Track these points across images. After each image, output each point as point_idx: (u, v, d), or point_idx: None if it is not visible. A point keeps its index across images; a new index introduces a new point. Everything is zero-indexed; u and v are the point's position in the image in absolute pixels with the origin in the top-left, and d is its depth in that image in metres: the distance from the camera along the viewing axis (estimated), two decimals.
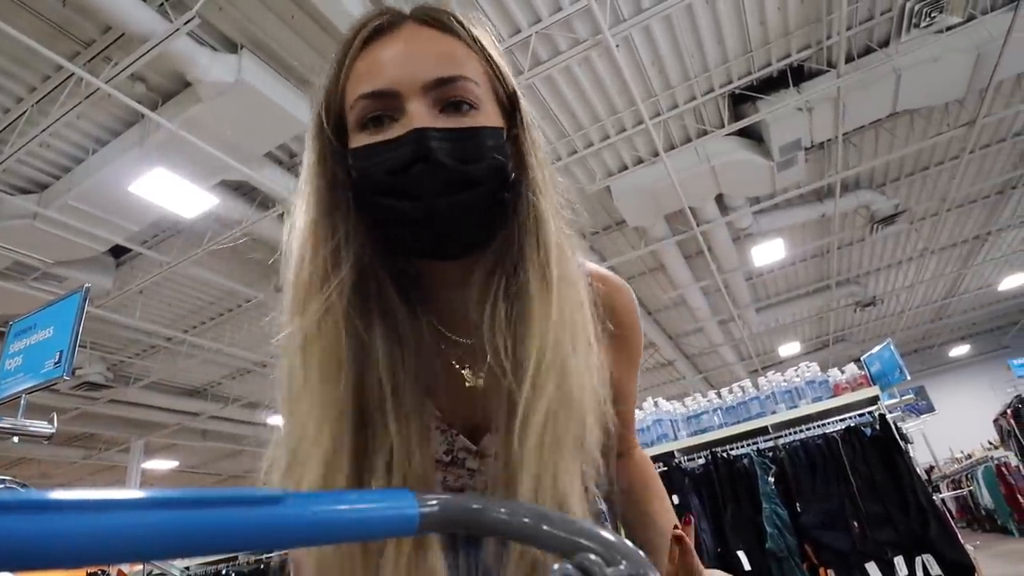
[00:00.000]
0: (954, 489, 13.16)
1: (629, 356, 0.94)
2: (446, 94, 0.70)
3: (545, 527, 0.48)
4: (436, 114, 0.70)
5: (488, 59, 0.77)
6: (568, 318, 0.72)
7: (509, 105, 0.79)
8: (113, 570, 4.84)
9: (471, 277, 0.77)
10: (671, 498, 4.21)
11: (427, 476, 0.74)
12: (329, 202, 0.73)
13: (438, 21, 0.75)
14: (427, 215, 0.69)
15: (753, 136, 7.28)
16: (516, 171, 0.75)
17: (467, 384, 0.84)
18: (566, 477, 0.68)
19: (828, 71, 6.46)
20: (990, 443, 12.10)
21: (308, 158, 0.76)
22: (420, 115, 0.68)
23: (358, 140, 0.72)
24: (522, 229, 0.74)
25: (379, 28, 0.74)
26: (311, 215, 0.73)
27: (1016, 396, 9.44)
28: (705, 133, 7.17)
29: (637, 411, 5.22)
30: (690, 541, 0.79)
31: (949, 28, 6.03)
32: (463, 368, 0.84)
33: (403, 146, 0.68)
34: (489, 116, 0.73)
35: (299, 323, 0.72)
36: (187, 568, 6.28)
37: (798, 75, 6.63)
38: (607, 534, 0.46)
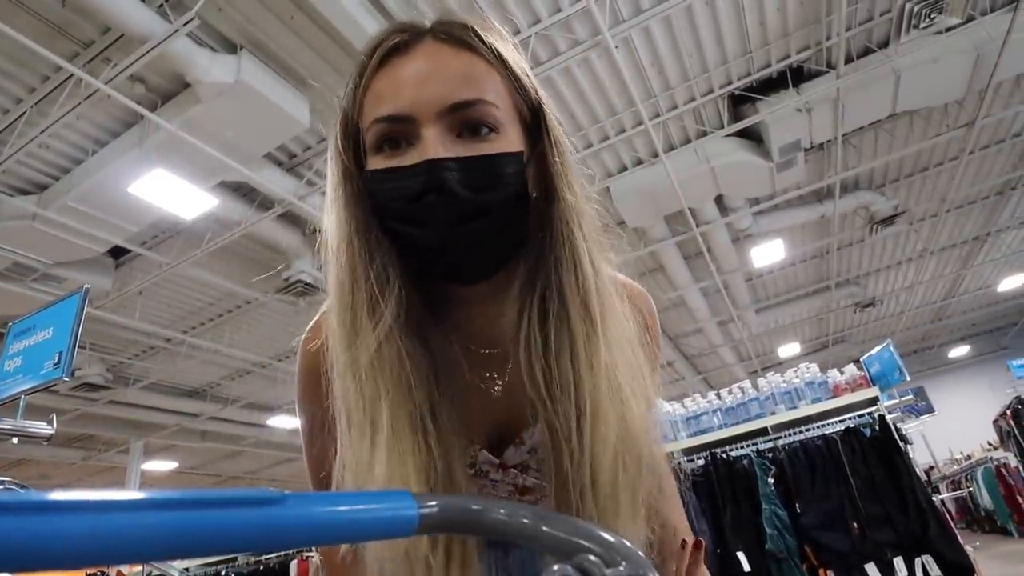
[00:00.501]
0: (954, 490, 13.16)
1: (653, 365, 0.89)
2: (463, 118, 0.69)
3: (544, 528, 0.48)
4: (453, 139, 0.69)
5: (511, 74, 0.74)
6: (620, 358, 0.72)
7: (533, 121, 0.77)
8: (113, 571, 4.83)
9: (500, 295, 0.77)
10: None
11: (453, 458, 0.74)
12: (359, 224, 0.73)
13: (457, 38, 0.72)
14: (440, 244, 0.69)
15: (752, 137, 7.28)
16: (544, 190, 0.75)
17: (493, 394, 0.83)
18: (630, 526, 0.69)
19: (827, 72, 6.46)
20: (990, 444, 12.10)
21: (331, 176, 0.76)
22: (434, 143, 0.67)
23: (374, 163, 0.71)
24: (554, 250, 0.73)
25: (397, 46, 0.73)
26: (344, 239, 0.73)
27: (1016, 397, 9.44)
28: (705, 134, 7.17)
29: None
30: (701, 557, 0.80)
31: (948, 29, 6.04)
32: (487, 379, 0.83)
33: (416, 176, 0.67)
34: (510, 138, 0.71)
35: (355, 351, 0.71)
36: (187, 569, 6.28)
37: (797, 76, 6.63)
38: (607, 535, 0.46)
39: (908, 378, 4.86)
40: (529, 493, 0.87)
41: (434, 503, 0.48)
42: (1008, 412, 9.56)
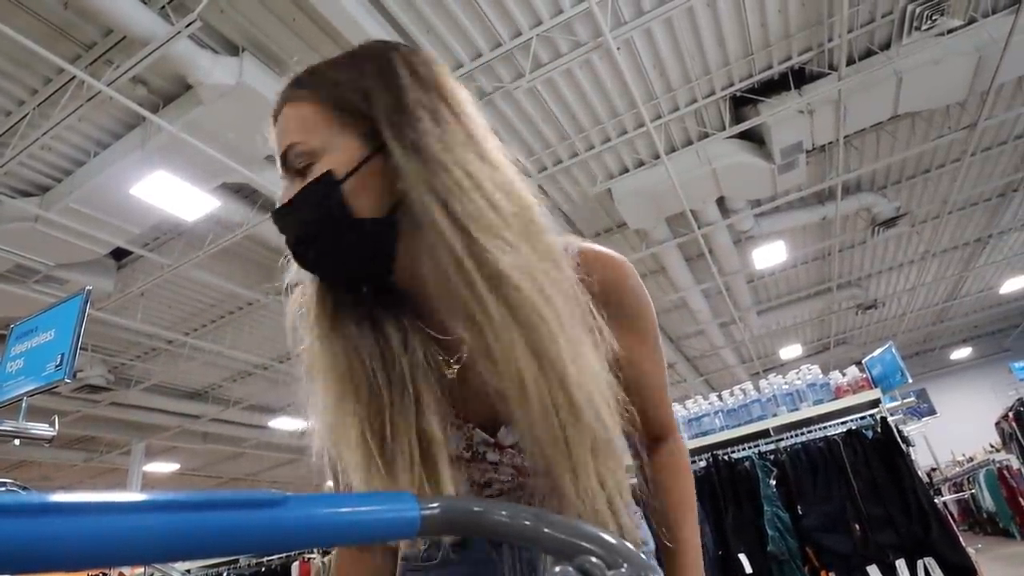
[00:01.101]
0: (956, 492, 13.14)
1: (634, 331, 0.93)
2: (292, 160, 0.81)
3: (546, 529, 0.48)
4: (292, 180, 0.83)
5: (331, 95, 0.81)
6: (542, 314, 0.72)
7: (377, 115, 0.78)
8: (114, 573, 4.83)
9: (417, 283, 0.83)
10: None
11: (438, 466, 0.79)
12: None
13: (292, 91, 0.85)
14: (311, 268, 0.84)
15: (754, 139, 7.28)
16: (403, 178, 0.75)
17: (465, 378, 0.87)
18: (592, 471, 0.74)
19: (829, 74, 6.46)
20: (992, 446, 12.09)
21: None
22: (287, 188, 0.84)
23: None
24: (437, 228, 0.73)
25: (274, 114, 0.89)
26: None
27: (1018, 399, 9.41)
28: (706, 135, 7.18)
29: None
30: None
31: (950, 31, 6.03)
32: (450, 362, 0.88)
33: (279, 224, 0.85)
34: (329, 160, 0.78)
35: (306, 352, 0.86)
36: (188, 571, 6.27)
37: (799, 78, 6.63)
38: (608, 536, 0.46)
39: (910, 380, 4.85)
40: (528, 475, 0.91)
41: (436, 505, 0.48)
42: (1010, 414, 9.53)
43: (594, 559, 0.43)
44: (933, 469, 13.38)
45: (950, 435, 14.69)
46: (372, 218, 0.79)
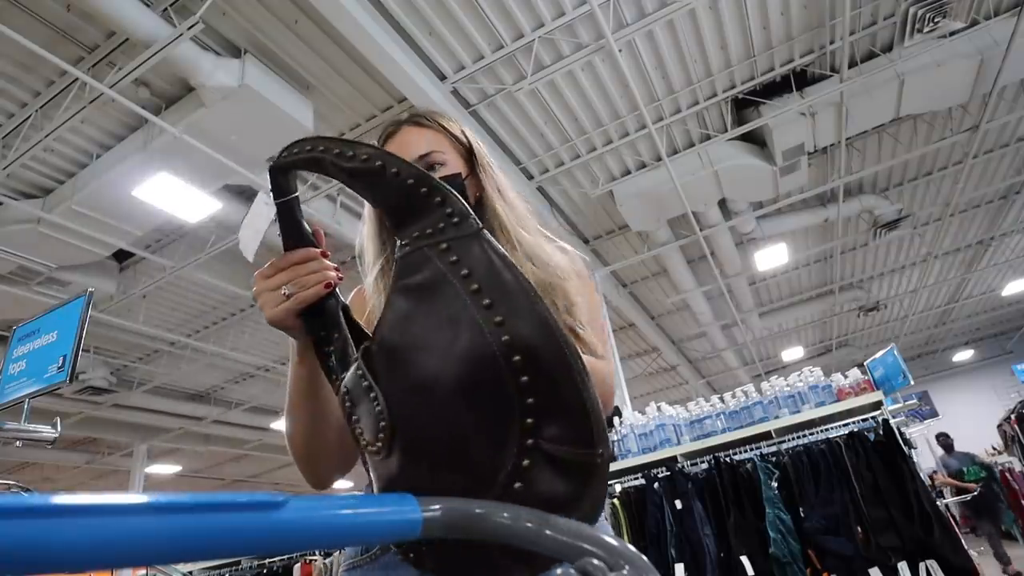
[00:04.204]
0: (958, 495, 13.11)
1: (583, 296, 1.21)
2: (427, 161, 1.19)
3: (547, 531, 0.48)
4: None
5: (450, 136, 1.25)
6: (525, 263, 1.12)
7: (470, 156, 1.25)
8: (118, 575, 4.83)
9: None
10: (674, 503, 4.23)
11: None
12: (377, 223, 1.23)
13: (419, 122, 1.25)
14: None
15: (756, 141, 7.28)
16: (480, 188, 1.21)
17: None
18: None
19: (831, 76, 6.46)
20: (994, 448, 12.06)
21: (367, 206, 1.20)
22: None
23: None
24: (489, 219, 1.16)
25: (391, 132, 1.25)
26: (370, 233, 1.24)
27: (1020, 401, 9.39)
28: (708, 138, 7.18)
29: (639, 415, 5.22)
30: None
31: (952, 33, 6.03)
32: None
33: None
34: (454, 167, 1.20)
35: (367, 280, 1.22)
36: (190, 573, 6.28)
37: (801, 80, 6.64)
38: (610, 539, 0.46)
39: (912, 382, 4.85)
40: None
41: (437, 507, 0.48)
42: (1013, 416, 9.52)
43: (595, 561, 0.43)
44: (935, 472, 13.36)
45: (952, 437, 14.64)
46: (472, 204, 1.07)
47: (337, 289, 0.89)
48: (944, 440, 9.84)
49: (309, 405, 0.98)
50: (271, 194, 0.88)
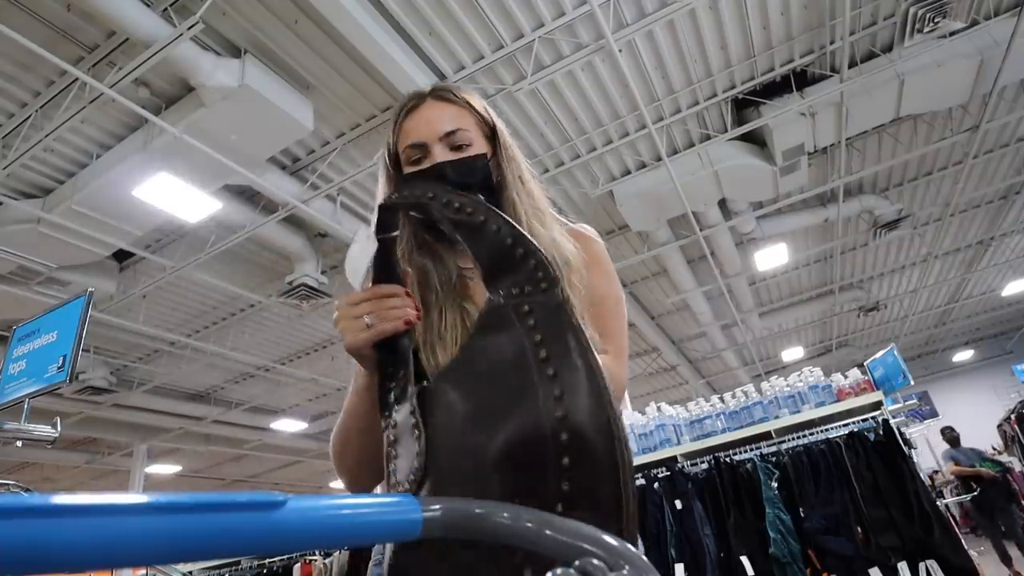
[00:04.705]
0: (958, 495, 13.10)
1: (600, 281, 1.24)
2: (452, 140, 1.15)
3: (547, 531, 0.48)
4: (448, 152, 1.15)
5: (476, 113, 1.21)
6: (541, 237, 1.13)
7: (492, 137, 1.22)
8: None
9: None
10: (674, 503, 4.23)
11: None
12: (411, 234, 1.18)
13: (445, 97, 1.20)
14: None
15: (756, 141, 7.28)
16: (500, 174, 1.19)
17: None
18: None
19: (831, 76, 6.46)
20: (994, 448, 12.05)
21: (380, 178, 1.22)
22: (439, 154, 1.14)
23: (407, 171, 1.18)
24: (505, 205, 1.16)
25: (414, 105, 1.19)
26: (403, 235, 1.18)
27: (1020, 401, 9.40)
28: (708, 138, 7.18)
29: (639, 415, 5.21)
30: None
31: (952, 33, 6.03)
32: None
33: (432, 172, 1.13)
34: (479, 148, 1.18)
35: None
36: (189, 573, 6.27)
37: (801, 80, 6.64)
38: (610, 539, 0.46)
39: (912, 382, 4.85)
40: None
41: (437, 507, 0.48)
42: (1012, 417, 9.53)
43: (596, 561, 0.43)
44: (935, 472, 13.35)
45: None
46: (493, 186, 1.18)
47: (413, 330, 0.95)
48: (950, 433, 9.79)
49: (364, 438, 1.02)
50: (374, 228, 0.98)
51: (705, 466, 4.45)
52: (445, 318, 1.08)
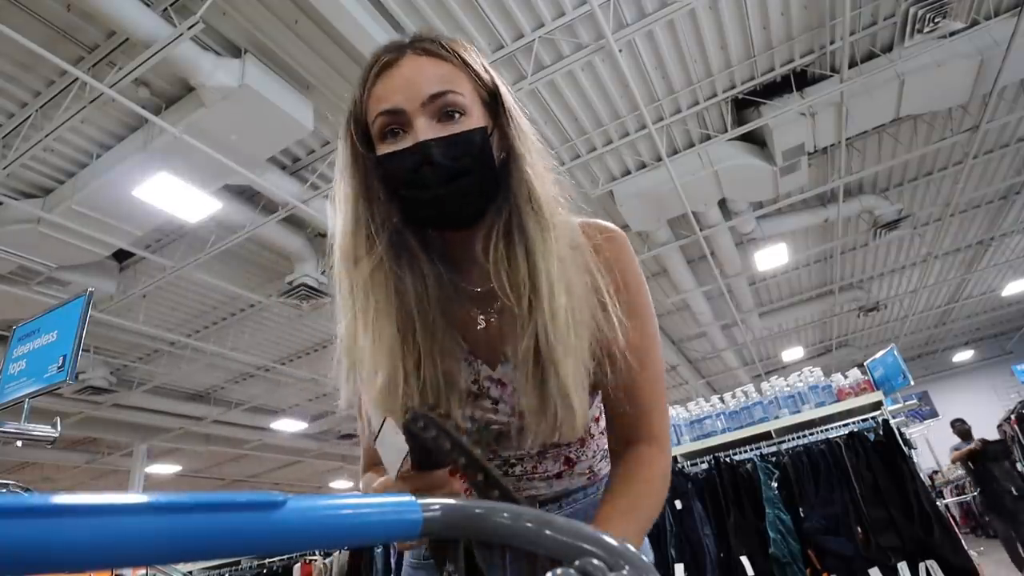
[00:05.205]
0: (958, 495, 13.11)
1: (630, 303, 1.02)
2: (439, 106, 0.92)
3: (547, 531, 0.48)
4: (435, 124, 0.92)
5: (471, 71, 0.97)
6: (560, 251, 0.94)
7: (493, 102, 0.99)
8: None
9: (475, 238, 0.99)
10: (674, 503, 4.22)
11: (451, 372, 0.99)
12: (363, 189, 0.97)
13: (429, 50, 0.95)
14: (436, 200, 0.93)
15: (756, 141, 7.28)
16: (506, 151, 0.99)
17: (478, 327, 1.05)
18: (569, 371, 0.90)
19: (831, 76, 6.46)
20: None
21: (342, 156, 1.00)
22: (423, 128, 0.91)
23: (382, 148, 0.94)
24: (516, 192, 0.96)
25: (388, 62, 0.95)
26: (351, 200, 0.98)
27: (1020, 402, 9.37)
28: (708, 138, 7.18)
29: None
30: None
31: (952, 33, 6.03)
32: (477, 313, 1.05)
33: (414, 154, 0.91)
34: (475, 118, 0.94)
35: (354, 274, 0.96)
36: (189, 573, 6.27)
37: (801, 80, 6.64)
38: (610, 539, 0.46)
39: (912, 383, 4.84)
40: (523, 417, 1.01)
41: (437, 507, 0.48)
42: (1012, 417, 9.51)
43: (595, 561, 0.43)
44: (935, 472, 13.36)
45: (952, 438, 14.64)
46: (496, 168, 0.98)
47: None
48: (960, 426, 9.76)
49: None
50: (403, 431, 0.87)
51: (705, 466, 4.45)
52: (439, 362, 0.96)
